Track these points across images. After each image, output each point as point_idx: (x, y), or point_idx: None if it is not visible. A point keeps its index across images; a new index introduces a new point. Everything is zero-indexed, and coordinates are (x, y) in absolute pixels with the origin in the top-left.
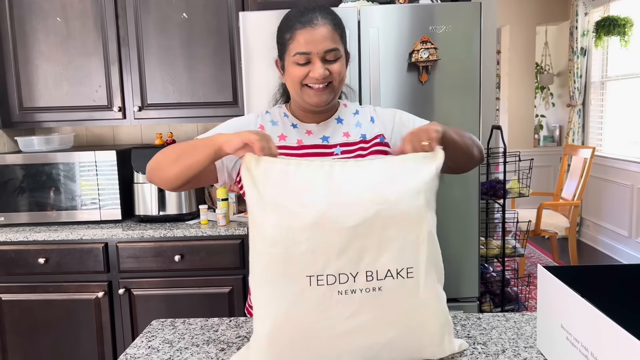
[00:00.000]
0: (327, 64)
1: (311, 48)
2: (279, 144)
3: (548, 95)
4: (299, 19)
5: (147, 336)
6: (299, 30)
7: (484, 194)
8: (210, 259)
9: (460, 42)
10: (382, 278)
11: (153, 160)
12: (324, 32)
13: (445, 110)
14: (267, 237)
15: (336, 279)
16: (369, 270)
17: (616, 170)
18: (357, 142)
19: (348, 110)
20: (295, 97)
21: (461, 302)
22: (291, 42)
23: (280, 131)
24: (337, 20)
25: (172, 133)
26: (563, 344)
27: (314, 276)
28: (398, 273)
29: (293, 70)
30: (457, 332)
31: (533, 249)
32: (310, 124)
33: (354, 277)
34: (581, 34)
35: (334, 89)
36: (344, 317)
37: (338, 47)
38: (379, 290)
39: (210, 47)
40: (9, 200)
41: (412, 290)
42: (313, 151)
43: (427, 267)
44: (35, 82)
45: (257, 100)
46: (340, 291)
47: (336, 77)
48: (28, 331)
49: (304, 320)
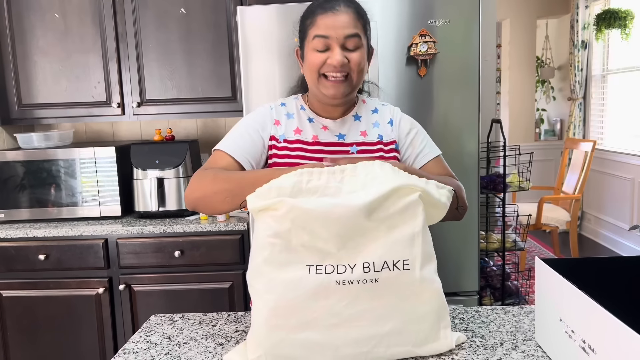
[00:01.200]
0: (347, 52)
1: (331, 32)
2: (293, 138)
3: (549, 89)
4: (322, 5)
5: (145, 331)
6: (319, 15)
7: (484, 188)
8: (210, 255)
9: (459, 36)
10: (379, 270)
11: (199, 190)
12: (345, 19)
13: (444, 104)
14: (271, 227)
15: (334, 269)
16: (366, 262)
17: (617, 164)
18: (375, 142)
19: (366, 107)
20: (313, 88)
21: (461, 295)
22: (311, 27)
23: (295, 125)
24: (361, 11)
25: (171, 129)
26: (560, 336)
27: (313, 266)
28: (394, 265)
29: (311, 57)
30: (456, 325)
31: (534, 243)
32: (327, 119)
33: (351, 268)
34: (582, 27)
35: (352, 81)
36: (342, 307)
37: (359, 34)
38: (376, 282)
39: (209, 42)
40: (9, 197)
41: (408, 282)
42: (328, 148)
43: (423, 259)
44: (33, 79)
45: (255, 95)
46: (338, 281)
47: (354, 67)
48: (29, 327)
49: (301, 307)
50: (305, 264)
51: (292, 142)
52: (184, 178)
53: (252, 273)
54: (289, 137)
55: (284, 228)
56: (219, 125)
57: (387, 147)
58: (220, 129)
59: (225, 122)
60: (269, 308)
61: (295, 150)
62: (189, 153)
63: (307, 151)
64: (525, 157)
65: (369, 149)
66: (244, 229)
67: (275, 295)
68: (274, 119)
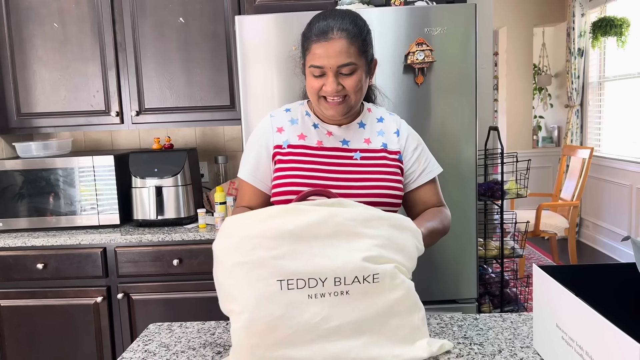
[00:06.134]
0: (342, 77)
1: (324, 62)
2: (297, 143)
3: (546, 96)
4: (316, 30)
5: (143, 340)
6: (314, 43)
7: (481, 195)
8: (209, 263)
9: (455, 44)
10: (350, 283)
11: None
12: (338, 47)
13: (442, 111)
14: (236, 246)
15: (306, 283)
16: (337, 276)
17: (615, 171)
18: (379, 149)
19: (372, 115)
20: (314, 105)
21: (460, 303)
22: (307, 53)
23: (300, 130)
24: (356, 31)
25: (170, 137)
26: (559, 343)
27: (284, 280)
28: (365, 279)
29: (310, 81)
30: (454, 332)
31: (533, 249)
32: (331, 125)
33: (322, 282)
34: (578, 34)
35: (351, 101)
36: (316, 322)
37: (353, 61)
38: (347, 294)
39: (207, 51)
40: (7, 206)
41: (378, 294)
42: (332, 153)
43: (392, 272)
44: (32, 88)
45: (254, 103)
46: (311, 295)
47: (350, 90)
48: (27, 337)
49: (276, 324)
50: (276, 278)
51: (296, 147)
52: (183, 186)
53: (226, 297)
54: (292, 142)
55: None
56: (217, 134)
57: (391, 156)
58: (219, 137)
59: (223, 130)
60: (244, 327)
61: (299, 155)
62: (188, 161)
63: (312, 156)
64: (523, 164)
65: (373, 155)
66: None
67: (250, 317)
68: (276, 127)
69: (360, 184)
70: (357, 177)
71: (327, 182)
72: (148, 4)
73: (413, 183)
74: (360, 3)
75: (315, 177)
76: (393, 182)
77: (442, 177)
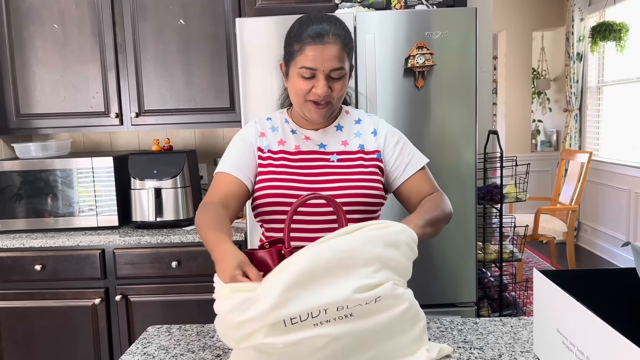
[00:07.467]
0: (331, 81)
1: (318, 65)
2: (278, 149)
3: (545, 100)
4: (310, 32)
5: (142, 342)
6: (308, 45)
7: (481, 199)
8: (208, 265)
9: (456, 48)
10: (353, 306)
11: (196, 220)
12: (333, 51)
13: (442, 115)
14: None
15: (309, 315)
16: (340, 306)
17: (613, 175)
18: (356, 151)
19: (350, 117)
20: (296, 107)
21: (459, 307)
22: (299, 54)
23: (279, 137)
24: (348, 38)
25: (169, 139)
26: (559, 348)
27: (287, 319)
28: (367, 303)
29: (297, 83)
30: (454, 337)
31: (531, 253)
32: (309, 130)
33: (325, 311)
34: (577, 39)
35: (333, 106)
36: (323, 344)
37: (344, 66)
38: (351, 316)
39: (208, 53)
40: (6, 207)
41: (383, 310)
42: (310, 157)
43: (392, 288)
44: (32, 89)
45: (253, 105)
46: (316, 323)
47: (336, 95)
48: (25, 338)
49: (284, 351)
50: (280, 320)
51: (275, 152)
52: (182, 188)
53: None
54: (273, 148)
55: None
56: (217, 136)
57: (368, 156)
58: (219, 139)
59: (223, 132)
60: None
61: (278, 159)
62: (187, 163)
63: (290, 160)
64: (522, 168)
65: (349, 157)
66: (242, 239)
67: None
68: (259, 132)
69: (337, 185)
70: (334, 179)
71: (305, 184)
72: (148, 6)
73: (400, 177)
74: (360, 6)
75: (293, 181)
76: (370, 182)
77: (442, 180)
